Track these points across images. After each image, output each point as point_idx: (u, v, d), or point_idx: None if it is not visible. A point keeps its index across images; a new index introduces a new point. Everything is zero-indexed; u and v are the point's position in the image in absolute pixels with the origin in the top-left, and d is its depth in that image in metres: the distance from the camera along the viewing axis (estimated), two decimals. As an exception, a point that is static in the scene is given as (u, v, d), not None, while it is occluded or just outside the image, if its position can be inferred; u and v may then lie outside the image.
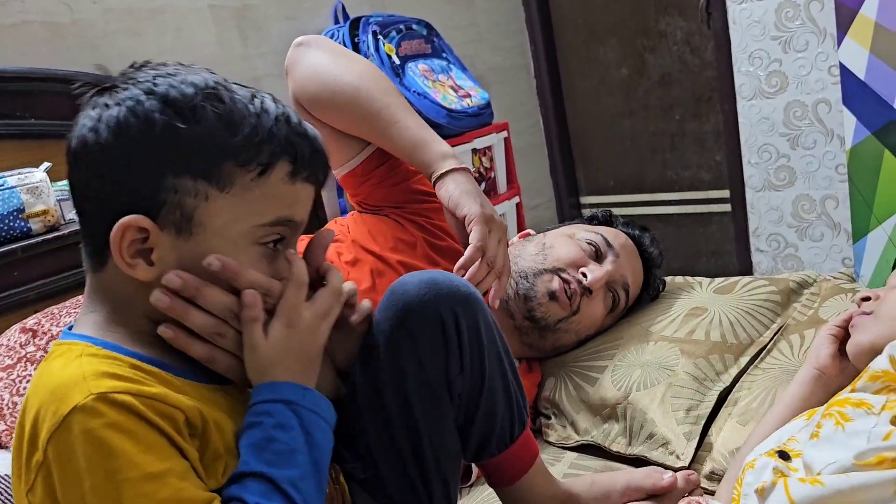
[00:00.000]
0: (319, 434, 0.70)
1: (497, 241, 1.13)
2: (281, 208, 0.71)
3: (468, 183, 1.16)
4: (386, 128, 1.23)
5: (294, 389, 0.70)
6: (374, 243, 1.33)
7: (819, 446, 0.79)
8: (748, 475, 0.85)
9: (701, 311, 1.41)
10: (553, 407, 1.38)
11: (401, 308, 0.83)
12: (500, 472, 0.95)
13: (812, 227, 2.55)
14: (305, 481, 0.67)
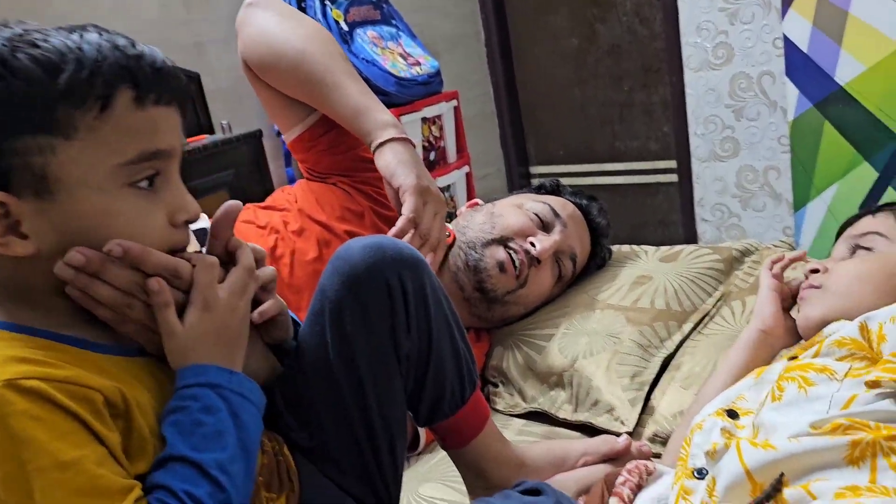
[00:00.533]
0: (247, 416, 0.69)
1: (433, 214, 1.13)
2: (140, 141, 0.65)
3: (407, 153, 1.16)
4: (328, 93, 1.22)
5: (219, 372, 0.69)
6: (322, 212, 1.32)
7: (781, 410, 0.81)
8: (696, 436, 0.86)
9: (646, 280, 1.44)
10: (501, 375, 1.39)
11: (346, 273, 0.82)
12: (453, 434, 0.96)
13: (755, 197, 2.61)
14: (234, 464, 0.65)
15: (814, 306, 0.98)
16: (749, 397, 0.90)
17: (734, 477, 0.75)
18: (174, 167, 0.70)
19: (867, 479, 0.71)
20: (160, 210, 0.68)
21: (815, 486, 0.72)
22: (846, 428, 0.74)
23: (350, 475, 0.84)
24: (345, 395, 0.83)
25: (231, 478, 0.64)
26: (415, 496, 1.12)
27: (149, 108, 0.65)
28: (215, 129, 2.12)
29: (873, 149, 2.19)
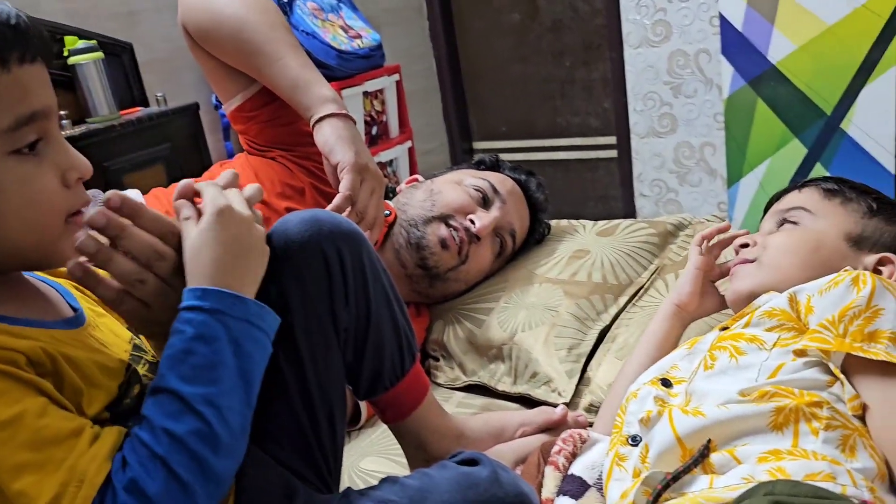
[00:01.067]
0: (251, 345, 0.67)
1: (370, 192, 1.13)
2: (14, 106, 0.61)
3: (346, 129, 1.14)
4: (268, 64, 1.19)
5: (221, 297, 0.66)
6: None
7: (713, 378, 0.84)
8: (632, 404, 0.89)
9: (584, 254, 1.46)
10: (441, 349, 1.40)
11: (283, 247, 0.82)
12: (393, 406, 0.96)
13: (691, 172, 2.66)
14: (227, 396, 0.63)
15: (743, 280, 1.01)
16: (682, 367, 0.93)
17: (665, 443, 0.78)
18: (54, 126, 0.66)
19: (790, 443, 0.74)
20: (49, 173, 0.65)
21: (740, 450, 0.75)
22: (772, 395, 0.77)
23: (289, 450, 0.84)
24: (282, 367, 0.82)
25: (221, 413, 0.62)
26: (355, 470, 1.13)
27: (13, 70, 0.61)
28: (150, 102, 2.06)
29: (803, 126, 2.25)
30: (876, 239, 0.99)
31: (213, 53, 1.26)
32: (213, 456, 0.61)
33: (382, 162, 2.60)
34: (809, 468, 0.70)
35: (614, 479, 0.81)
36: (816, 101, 2.22)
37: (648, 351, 1.06)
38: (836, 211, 1.02)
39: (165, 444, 0.60)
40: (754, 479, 0.70)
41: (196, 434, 0.61)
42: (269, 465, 0.82)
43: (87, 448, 0.59)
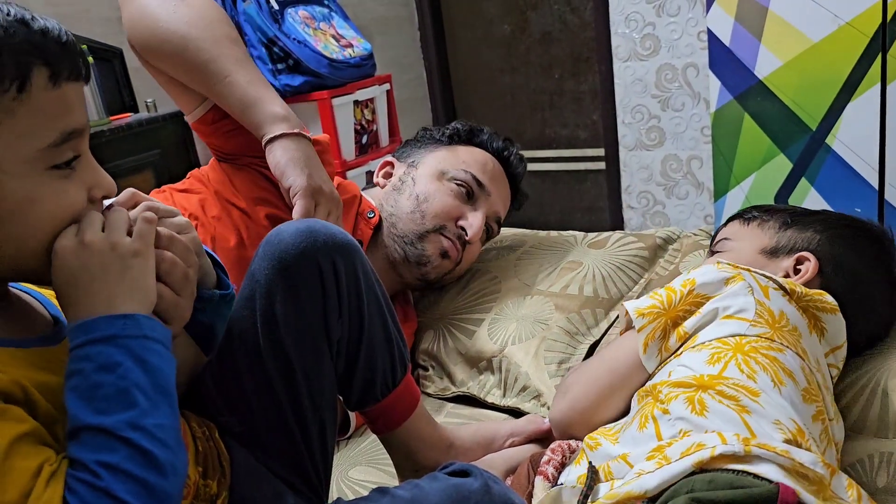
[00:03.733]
0: (155, 358, 0.64)
1: (325, 214, 1.09)
2: (59, 122, 0.62)
3: (298, 150, 1.10)
4: (214, 83, 1.13)
5: (108, 322, 0.63)
6: (238, 196, 1.27)
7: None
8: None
9: (576, 266, 1.47)
10: (431, 359, 1.41)
11: (277, 257, 0.82)
12: (384, 417, 0.96)
13: (678, 185, 2.69)
14: (150, 415, 0.61)
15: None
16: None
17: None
18: (86, 144, 0.67)
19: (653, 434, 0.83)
20: (80, 189, 0.66)
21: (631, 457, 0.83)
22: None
23: (280, 460, 0.84)
24: (274, 379, 0.83)
25: (147, 433, 0.60)
26: (344, 479, 1.13)
27: (62, 86, 0.63)
28: (140, 108, 2.06)
29: (788, 141, 2.28)
30: (791, 245, 1.09)
31: (161, 69, 1.21)
32: (156, 475, 0.59)
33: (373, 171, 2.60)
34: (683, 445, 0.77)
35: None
36: (802, 116, 2.24)
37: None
38: (753, 233, 1.14)
39: (105, 477, 0.58)
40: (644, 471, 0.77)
41: (131, 459, 0.59)
42: (260, 475, 0.82)
43: (43, 491, 0.57)
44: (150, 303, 0.68)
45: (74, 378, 0.62)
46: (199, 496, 0.74)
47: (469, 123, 1.53)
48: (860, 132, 2.18)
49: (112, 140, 1.82)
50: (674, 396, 0.84)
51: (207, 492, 0.76)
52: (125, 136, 1.86)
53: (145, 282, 0.68)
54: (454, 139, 1.50)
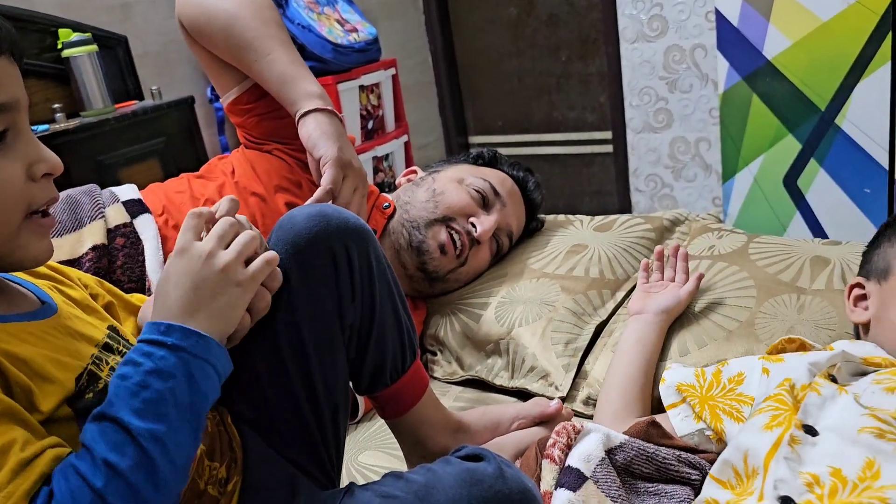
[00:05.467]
0: (207, 385, 0.66)
1: (352, 189, 1.13)
2: None
3: (330, 125, 1.15)
4: (257, 59, 1.20)
5: (184, 334, 0.66)
6: (259, 183, 1.30)
7: None
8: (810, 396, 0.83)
9: (581, 248, 1.47)
10: (438, 344, 1.41)
11: (290, 242, 0.82)
12: (393, 402, 0.97)
13: (686, 168, 2.67)
14: (175, 434, 0.61)
15: None
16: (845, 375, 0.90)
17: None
18: (23, 119, 0.65)
19: None
20: (15, 164, 0.64)
21: None
22: None
23: (293, 445, 0.84)
24: (288, 364, 0.83)
25: (167, 451, 0.60)
26: (354, 464, 1.13)
27: None
28: (145, 96, 2.05)
29: (797, 122, 2.26)
30: None
31: (206, 46, 1.27)
32: (153, 490, 0.59)
33: (379, 156, 2.60)
34: None
35: (783, 456, 0.77)
36: (811, 96, 2.22)
37: (641, 355, 1.13)
38: None
39: (104, 478, 0.57)
40: None
41: (139, 469, 0.58)
42: (273, 461, 0.82)
43: (7, 483, 0.56)
44: (227, 331, 0.70)
45: (129, 367, 0.63)
46: (204, 477, 0.75)
47: (494, 150, 1.58)
48: (870, 112, 2.16)
49: (117, 128, 1.82)
50: None
51: (215, 475, 0.76)
52: (130, 124, 1.85)
53: (233, 313, 0.71)
54: (478, 161, 1.55)
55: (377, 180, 2.64)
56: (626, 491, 0.89)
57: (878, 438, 0.73)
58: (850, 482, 0.70)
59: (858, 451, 0.73)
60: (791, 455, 0.76)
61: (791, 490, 0.72)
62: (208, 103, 2.34)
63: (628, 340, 1.16)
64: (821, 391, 0.83)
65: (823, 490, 0.71)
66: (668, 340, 1.19)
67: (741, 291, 1.24)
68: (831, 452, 0.75)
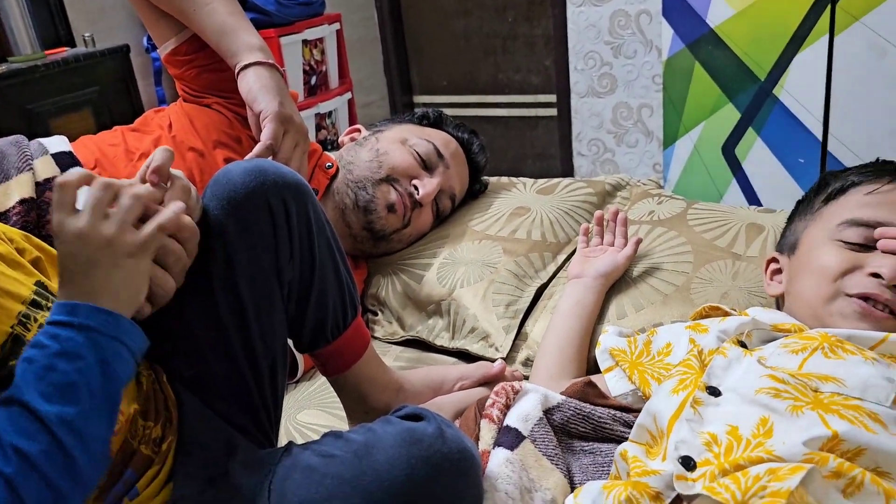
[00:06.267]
0: (120, 366, 0.63)
1: (293, 144, 1.11)
2: None
3: (271, 79, 1.12)
4: (195, 9, 1.16)
5: (93, 313, 0.63)
6: (197, 138, 1.26)
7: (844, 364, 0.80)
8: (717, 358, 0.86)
9: (524, 211, 1.47)
10: (379, 304, 1.41)
11: (227, 197, 0.80)
12: (334, 359, 0.96)
13: (629, 133, 2.70)
14: (88, 419, 0.59)
15: (871, 326, 0.90)
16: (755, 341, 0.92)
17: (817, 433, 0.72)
18: None
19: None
20: None
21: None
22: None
23: (231, 403, 0.83)
24: (226, 321, 0.81)
25: (78, 436, 0.58)
26: (293, 423, 1.13)
27: None
28: (77, 42, 1.97)
29: (737, 91, 2.30)
30: None
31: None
32: (68, 482, 0.57)
33: (321, 113, 2.55)
34: None
35: (686, 418, 0.79)
36: (751, 66, 2.26)
37: (580, 318, 1.15)
38: None
39: (14, 465, 0.55)
40: None
41: (49, 455, 0.56)
42: (209, 420, 0.81)
43: None
44: (135, 305, 0.67)
45: (35, 351, 0.60)
46: (138, 437, 0.73)
47: (439, 111, 1.56)
48: (807, 84, 2.21)
49: (47, 75, 1.74)
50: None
51: (148, 434, 0.75)
52: (61, 71, 1.78)
53: (135, 285, 0.67)
54: (423, 121, 1.53)
55: (320, 138, 2.60)
56: (563, 450, 0.91)
57: (773, 398, 0.76)
58: (744, 440, 0.73)
59: (755, 410, 0.76)
60: (693, 416, 0.78)
61: (691, 450, 0.74)
62: (145, 52, 2.26)
63: (566, 303, 1.18)
64: (727, 354, 0.86)
65: (720, 448, 0.73)
66: (606, 304, 1.21)
67: (679, 256, 1.27)
68: (730, 412, 0.77)
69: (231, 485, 0.74)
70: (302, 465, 0.72)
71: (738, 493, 0.67)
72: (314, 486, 0.70)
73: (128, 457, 0.72)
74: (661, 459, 0.78)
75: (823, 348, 0.83)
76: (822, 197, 1.04)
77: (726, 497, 0.67)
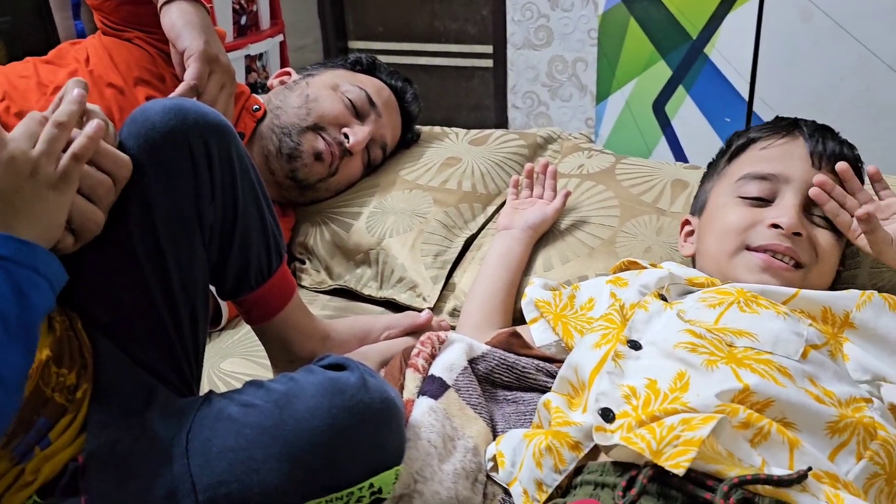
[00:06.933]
0: (37, 297, 0.62)
1: (219, 85, 1.06)
2: None
3: (196, 15, 1.07)
4: None
5: (6, 241, 0.61)
6: (116, 74, 1.20)
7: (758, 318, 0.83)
8: (638, 312, 0.87)
9: (456, 162, 1.47)
10: (307, 252, 1.39)
11: (144, 136, 0.77)
12: (258, 307, 0.95)
13: (563, 87, 2.71)
14: (2, 350, 0.58)
15: (778, 281, 0.93)
16: (673, 295, 0.94)
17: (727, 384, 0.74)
18: None
19: (828, 453, 0.73)
20: None
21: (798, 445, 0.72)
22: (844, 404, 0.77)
23: (150, 350, 0.81)
24: (143, 264, 0.79)
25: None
26: (216, 371, 1.11)
27: None
28: (-15, -32, 1.85)
29: (670, 48, 2.32)
30: None
31: None
32: None
33: (252, 55, 2.47)
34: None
35: (607, 371, 0.80)
36: (684, 24, 2.28)
37: (507, 268, 1.15)
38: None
39: None
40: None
41: None
42: (127, 367, 0.79)
43: None
44: (51, 238, 0.65)
45: None
46: (51, 384, 0.71)
47: (373, 57, 1.52)
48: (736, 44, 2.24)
49: (-48, 2, 1.63)
50: (875, 461, 0.74)
51: (62, 381, 0.72)
52: (-32, -2, 1.67)
53: (54, 217, 0.65)
54: (356, 66, 1.48)
55: (249, 80, 2.52)
56: (486, 399, 0.93)
57: (690, 352, 0.78)
58: (662, 393, 0.75)
59: (673, 364, 0.78)
60: (614, 370, 0.80)
61: (610, 402, 0.76)
62: (61, -17, 2.13)
63: (494, 254, 1.19)
64: (648, 307, 0.88)
65: (639, 401, 0.76)
66: (534, 256, 1.22)
67: (606, 211, 1.29)
68: (649, 366, 0.80)
69: (148, 434, 0.72)
70: (221, 415, 0.71)
71: (653, 442, 0.69)
72: (233, 435, 0.69)
73: (40, 404, 0.70)
74: (581, 411, 0.80)
75: (739, 303, 0.86)
76: (727, 156, 1.07)
77: (641, 447, 0.69)
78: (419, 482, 0.78)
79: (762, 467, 0.68)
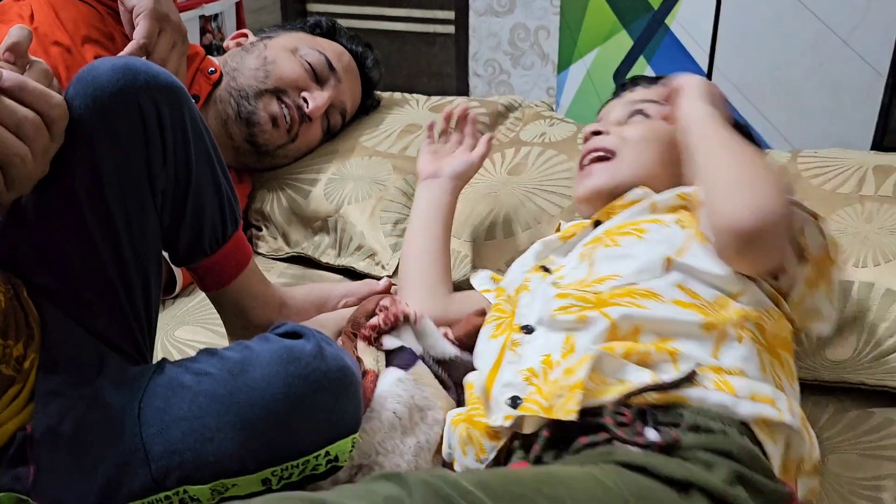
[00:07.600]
0: None
1: (169, 44, 1.02)
2: None
3: None
4: None
5: None
6: (63, 32, 1.16)
7: (622, 257, 0.84)
8: (524, 296, 0.88)
9: (416, 129, 1.45)
10: (264, 219, 1.37)
11: (91, 96, 0.74)
12: (213, 274, 0.93)
13: (525, 55, 2.69)
14: None
15: (602, 177, 0.98)
16: (556, 259, 0.95)
17: (600, 328, 0.77)
18: None
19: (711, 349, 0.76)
20: None
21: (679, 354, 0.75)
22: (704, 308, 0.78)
23: (100, 318, 0.79)
24: (93, 230, 0.77)
25: None
26: (170, 339, 1.10)
27: None
28: (-77, -84, 1.75)
29: (632, 18, 2.32)
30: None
31: None
32: None
33: (206, 16, 2.40)
34: (754, 389, 0.72)
35: (507, 362, 0.81)
36: (646, -6, 2.28)
37: (440, 221, 1.11)
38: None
39: None
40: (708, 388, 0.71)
41: None
42: (76, 336, 0.77)
43: None
44: None
45: None
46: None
47: (333, 21, 1.48)
48: (697, 15, 2.25)
49: None
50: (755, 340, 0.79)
51: (9, 353, 0.70)
52: None
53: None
54: (315, 30, 1.45)
55: (204, 42, 2.45)
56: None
57: (566, 315, 0.79)
58: (555, 363, 0.77)
59: (559, 334, 0.79)
60: (514, 358, 0.82)
61: (516, 389, 0.77)
62: (4, -65, 2.04)
63: (424, 206, 1.13)
64: (530, 287, 0.89)
65: (539, 379, 0.77)
66: (493, 223, 1.22)
67: (567, 181, 1.29)
68: (541, 343, 0.80)
69: (99, 403, 0.71)
70: (174, 383, 0.70)
71: (542, 401, 0.72)
72: (186, 404, 0.68)
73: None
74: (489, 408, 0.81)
75: (604, 241, 0.88)
76: None
77: (535, 409, 0.72)
78: (381, 454, 0.79)
79: (653, 381, 0.71)
